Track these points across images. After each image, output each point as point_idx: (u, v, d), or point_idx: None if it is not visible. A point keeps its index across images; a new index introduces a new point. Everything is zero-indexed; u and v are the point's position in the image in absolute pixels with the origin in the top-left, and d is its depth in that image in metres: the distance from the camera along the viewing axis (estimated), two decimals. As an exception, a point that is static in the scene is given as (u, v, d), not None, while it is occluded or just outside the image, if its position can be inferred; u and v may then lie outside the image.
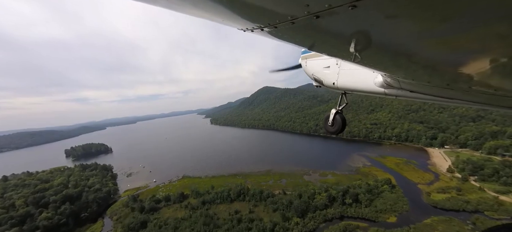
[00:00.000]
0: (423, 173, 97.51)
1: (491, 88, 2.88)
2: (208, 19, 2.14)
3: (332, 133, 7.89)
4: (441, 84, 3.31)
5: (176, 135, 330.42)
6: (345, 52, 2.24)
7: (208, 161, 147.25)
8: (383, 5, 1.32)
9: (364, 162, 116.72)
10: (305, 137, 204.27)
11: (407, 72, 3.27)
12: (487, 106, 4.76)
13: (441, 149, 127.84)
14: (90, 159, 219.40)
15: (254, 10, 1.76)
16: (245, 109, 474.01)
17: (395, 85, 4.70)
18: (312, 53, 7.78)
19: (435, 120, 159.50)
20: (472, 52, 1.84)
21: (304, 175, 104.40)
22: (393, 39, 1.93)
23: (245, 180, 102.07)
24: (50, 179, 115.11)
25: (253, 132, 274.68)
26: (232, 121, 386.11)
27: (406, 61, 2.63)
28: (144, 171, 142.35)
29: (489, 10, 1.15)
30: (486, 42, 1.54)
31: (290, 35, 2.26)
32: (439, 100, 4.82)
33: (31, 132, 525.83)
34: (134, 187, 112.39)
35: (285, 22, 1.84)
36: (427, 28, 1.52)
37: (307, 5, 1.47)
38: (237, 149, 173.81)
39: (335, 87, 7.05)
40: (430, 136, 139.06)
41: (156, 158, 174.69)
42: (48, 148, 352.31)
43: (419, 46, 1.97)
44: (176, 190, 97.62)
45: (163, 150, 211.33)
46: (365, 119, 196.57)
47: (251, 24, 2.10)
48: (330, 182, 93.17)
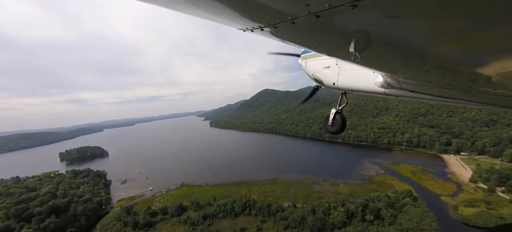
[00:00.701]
0: (443, 183, 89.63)
1: (491, 88, 2.90)
2: (208, 18, 2.13)
3: (332, 133, 7.85)
4: (441, 84, 3.29)
5: (174, 138, 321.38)
6: (345, 52, 2.25)
7: (208, 166, 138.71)
8: (383, 5, 1.31)
9: (377, 170, 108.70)
10: (309, 142, 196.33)
11: (407, 72, 3.28)
12: (487, 105, 4.65)
13: (457, 156, 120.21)
14: (85, 163, 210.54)
15: (254, 9, 1.75)
16: (245, 111, 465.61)
17: (395, 85, 4.70)
18: (312, 53, 7.76)
19: (446, 124, 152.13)
20: (472, 51, 1.83)
21: (313, 184, 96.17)
22: (393, 39, 1.92)
23: (249, 190, 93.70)
24: (38, 187, 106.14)
25: (255, 135, 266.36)
26: (232, 124, 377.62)
27: (406, 61, 2.66)
28: (140, 177, 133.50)
29: (489, 10, 1.15)
30: (486, 41, 1.54)
31: (290, 35, 2.26)
32: (440, 100, 4.74)
33: (26, 134, 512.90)
34: (128, 196, 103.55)
35: (285, 22, 1.84)
36: (427, 28, 1.52)
37: (307, 5, 1.47)
38: (238, 154, 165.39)
39: (335, 87, 7.02)
40: (444, 142, 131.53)
41: (153, 163, 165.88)
42: (42, 151, 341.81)
43: (419, 46, 1.96)
44: (174, 201, 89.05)
45: (161, 154, 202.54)
46: (371, 123, 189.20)
47: (251, 24, 2.09)
48: (343, 192, 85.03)
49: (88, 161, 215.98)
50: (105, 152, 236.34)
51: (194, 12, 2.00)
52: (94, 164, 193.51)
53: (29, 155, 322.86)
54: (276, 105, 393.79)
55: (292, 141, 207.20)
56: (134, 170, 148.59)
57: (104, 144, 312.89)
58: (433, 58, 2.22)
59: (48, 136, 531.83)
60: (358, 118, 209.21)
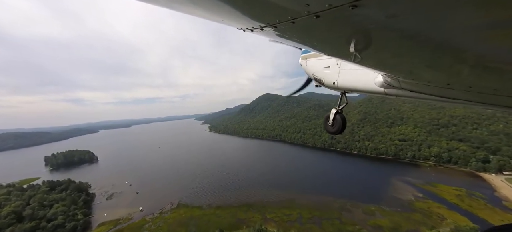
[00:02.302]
0: (503, 214, 72.37)
1: (491, 88, 2.91)
2: (208, 18, 2.12)
3: (332, 133, 7.86)
4: (441, 83, 3.31)
5: (171, 142, 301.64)
6: (345, 52, 2.24)
7: (210, 181, 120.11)
8: (383, 5, 1.31)
9: (412, 192, 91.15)
10: (320, 152, 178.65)
11: (407, 72, 3.29)
12: (487, 106, 4.67)
13: (500, 176, 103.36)
14: (71, 169, 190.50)
15: (254, 9, 1.75)
16: (245, 116, 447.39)
17: (395, 85, 4.73)
18: (312, 53, 7.75)
19: (476, 138, 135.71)
20: (472, 51, 1.82)
21: (342, 210, 78.17)
22: (394, 39, 1.91)
23: (263, 217, 75.57)
24: (3, 203, 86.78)
25: (258, 143, 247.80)
26: (232, 129, 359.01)
27: (406, 61, 2.67)
28: (129, 190, 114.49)
29: (489, 10, 1.14)
30: (486, 41, 1.53)
31: (290, 35, 2.25)
32: (440, 100, 4.76)
33: (16, 134, 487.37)
34: (112, 218, 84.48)
35: (285, 21, 1.83)
36: (427, 28, 1.51)
37: (307, 4, 1.46)
38: (244, 165, 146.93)
39: (335, 87, 7.02)
40: (481, 158, 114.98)
41: (146, 172, 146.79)
42: (30, 153, 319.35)
43: (419, 46, 1.95)
44: (168, 229, 70.64)
45: (156, 162, 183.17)
46: (388, 134, 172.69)
47: (251, 24, 2.07)
48: (384, 225, 67.22)
49: (74, 167, 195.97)
50: (95, 157, 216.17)
51: (194, 11, 1.98)
52: (80, 171, 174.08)
53: (14, 156, 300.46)
54: (278, 110, 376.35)
55: (301, 151, 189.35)
56: (124, 181, 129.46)
57: (96, 147, 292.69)
58: (433, 58, 2.22)
59: (40, 136, 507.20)
60: (372, 127, 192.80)
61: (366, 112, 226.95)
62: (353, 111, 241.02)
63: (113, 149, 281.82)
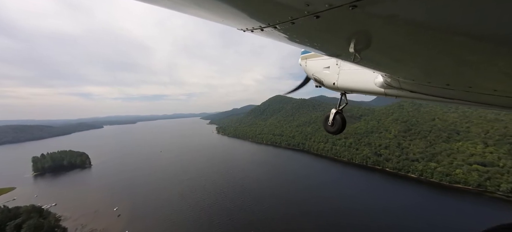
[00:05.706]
0: None
1: (491, 88, 2.93)
2: (208, 19, 2.12)
3: (331, 133, 7.78)
4: (441, 84, 3.32)
5: (176, 147, 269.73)
6: (345, 52, 2.25)
7: (228, 213, 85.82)
8: (383, 5, 1.30)
9: None
10: (363, 172, 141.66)
11: (407, 72, 3.31)
12: (487, 106, 4.70)
13: None
14: (59, 175, 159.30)
15: (254, 10, 1.75)
16: (256, 118, 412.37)
17: (395, 85, 4.76)
18: (312, 53, 7.67)
19: None
20: (472, 51, 1.81)
21: None
22: (394, 39, 1.91)
23: None
24: None
25: (277, 152, 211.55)
26: (243, 133, 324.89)
27: (406, 61, 2.69)
28: (115, 224, 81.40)
29: (489, 10, 1.14)
30: (486, 41, 1.52)
31: (290, 35, 2.25)
32: (440, 100, 4.79)
33: (16, 126, 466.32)
34: None
35: (285, 22, 1.83)
36: (427, 28, 1.50)
37: (307, 5, 1.47)
38: (270, 189, 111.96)
39: (335, 87, 6.98)
40: None
41: (142, 192, 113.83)
42: (25, 148, 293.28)
43: (419, 46, 1.95)
44: None
45: (156, 176, 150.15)
46: (451, 152, 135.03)
47: (251, 24, 2.08)
48: None
49: (62, 173, 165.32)
50: (88, 161, 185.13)
51: (194, 12, 1.98)
52: (66, 180, 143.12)
53: (6, 152, 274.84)
54: (292, 114, 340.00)
55: (335, 167, 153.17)
56: (112, 207, 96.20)
57: (93, 147, 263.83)
58: (433, 58, 2.21)
59: (40, 130, 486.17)
60: (425, 142, 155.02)
61: (406, 121, 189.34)
62: (386, 120, 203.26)
63: (112, 150, 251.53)
